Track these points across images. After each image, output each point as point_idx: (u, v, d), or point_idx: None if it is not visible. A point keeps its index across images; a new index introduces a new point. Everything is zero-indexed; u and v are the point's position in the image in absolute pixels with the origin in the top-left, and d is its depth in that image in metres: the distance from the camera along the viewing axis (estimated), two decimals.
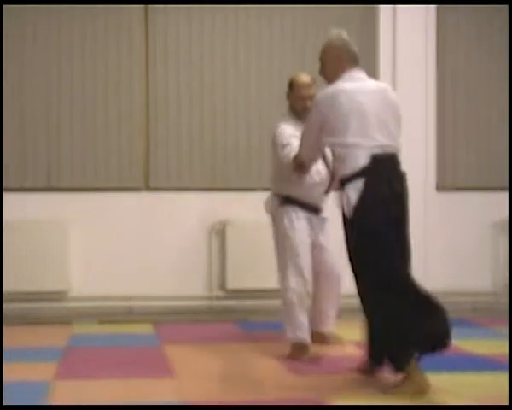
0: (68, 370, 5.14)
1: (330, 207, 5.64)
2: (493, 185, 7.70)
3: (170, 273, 7.19)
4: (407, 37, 7.42)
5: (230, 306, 7.24)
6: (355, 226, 4.52)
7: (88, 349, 5.92)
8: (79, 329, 6.72)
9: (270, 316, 6.84)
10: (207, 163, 7.30)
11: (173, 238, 7.22)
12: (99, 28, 7.14)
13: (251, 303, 7.21)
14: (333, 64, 4.79)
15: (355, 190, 4.49)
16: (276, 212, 5.68)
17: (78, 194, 7.11)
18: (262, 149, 7.11)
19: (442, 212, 7.56)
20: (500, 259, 7.70)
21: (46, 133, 7.09)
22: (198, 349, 5.83)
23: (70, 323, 6.89)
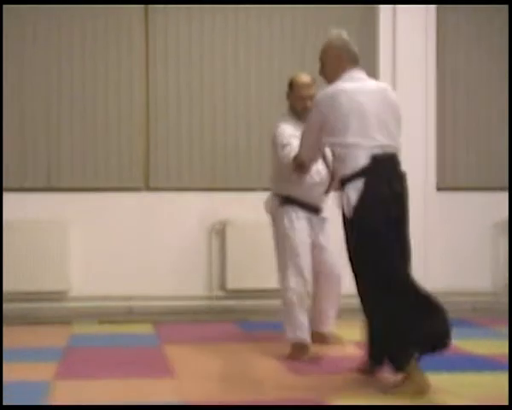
0: (68, 370, 5.14)
1: (330, 207, 5.64)
2: (493, 185, 7.70)
3: (170, 273, 7.19)
4: (407, 37, 7.42)
5: (230, 306, 7.24)
6: (355, 226, 4.52)
7: (88, 349, 5.91)
8: (79, 329, 6.72)
9: (270, 316, 6.84)
10: (207, 163, 7.30)
11: (173, 238, 7.22)
12: (99, 28, 7.14)
13: (251, 303, 7.21)
14: (333, 64, 4.78)
15: (355, 190, 4.49)
16: (276, 212, 5.67)
17: (78, 194, 7.11)
18: (262, 149, 7.11)
19: (442, 212, 7.56)
20: (500, 259, 7.70)
21: (46, 133, 7.09)
22: (198, 349, 5.83)
23: (70, 323, 6.89)
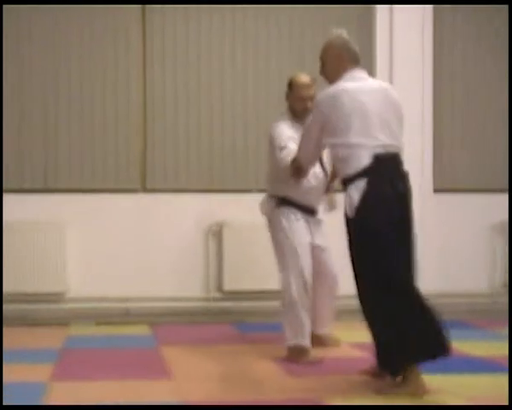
0: (65, 371, 5.13)
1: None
2: (490, 187, 7.69)
3: (167, 275, 7.18)
4: (404, 37, 7.42)
5: (227, 307, 7.23)
6: (357, 226, 4.49)
7: (85, 351, 5.91)
8: (76, 330, 6.71)
9: (267, 317, 6.83)
10: (204, 164, 7.29)
11: (170, 240, 7.21)
12: (96, 28, 7.13)
13: (248, 305, 7.20)
14: (333, 64, 4.74)
15: (357, 190, 4.46)
16: (273, 213, 5.62)
17: (75, 195, 7.09)
18: (259, 151, 7.10)
19: (439, 213, 7.55)
20: (497, 260, 7.70)
21: (43, 134, 7.07)
22: (195, 351, 5.82)
23: (67, 324, 6.88)
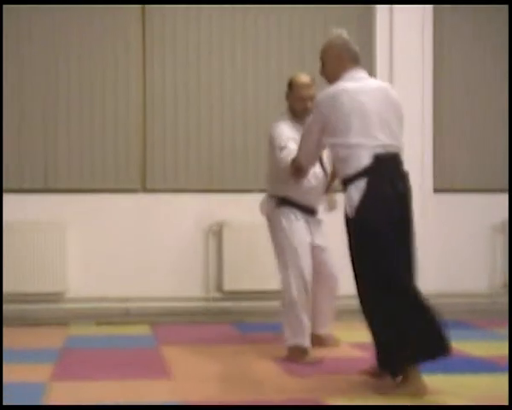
0: (65, 371, 5.13)
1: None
2: (490, 187, 7.70)
3: (167, 275, 7.18)
4: (404, 37, 7.41)
5: (227, 307, 7.23)
6: (357, 226, 4.48)
7: (85, 351, 5.90)
8: (76, 330, 6.71)
9: (267, 317, 6.83)
10: (204, 164, 7.29)
11: (170, 240, 7.21)
12: (96, 28, 7.13)
13: (248, 305, 7.19)
14: (333, 64, 4.73)
15: (357, 190, 4.45)
16: (273, 214, 5.61)
17: (75, 195, 7.09)
18: (259, 151, 7.10)
19: (439, 213, 7.55)
20: (497, 260, 7.70)
21: (43, 134, 7.07)
22: (195, 351, 5.82)
23: (67, 324, 6.88)
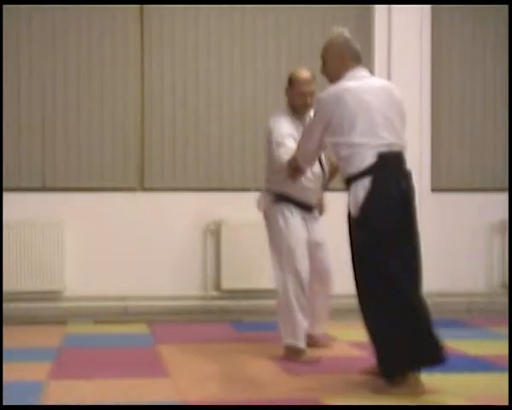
0: (62, 370, 5.13)
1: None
2: (488, 186, 7.70)
3: (165, 273, 7.18)
4: (402, 37, 7.40)
5: (225, 306, 7.23)
6: (361, 225, 4.44)
7: (83, 349, 5.91)
8: (74, 329, 6.71)
9: (264, 316, 6.84)
10: (202, 163, 7.29)
11: (168, 238, 7.21)
12: (94, 28, 7.11)
13: (246, 303, 7.20)
14: (334, 62, 4.70)
15: (362, 189, 4.42)
16: (269, 210, 5.57)
17: (73, 194, 7.08)
18: (257, 150, 7.09)
19: (436, 213, 7.54)
20: (494, 260, 7.70)
21: (41, 133, 7.06)
22: (192, 349, 5.82)
23: (65, 323, 6.88)
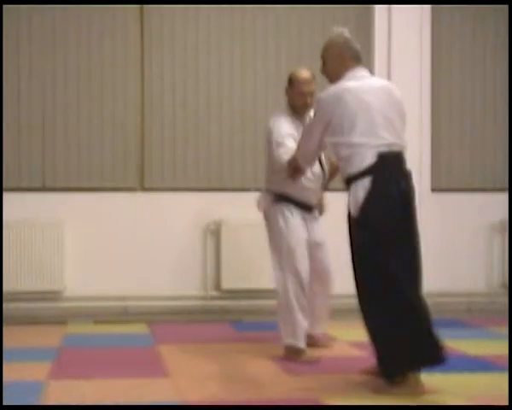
0: (62, 370, 5.13)
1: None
2: (488, 186, 7.70)
3: (165, 273, 7.18)
4: (402, 37, 7.40)
5: (225, 306, 7.23)
6: (361, 225, 4.43)
7: (83, 349, 5.91)
8: (74, 329, 6.71)
9: (265, 316, 6.84)
10: (202, 163, 7.29)
11: (168, 238, 7.21)
12: (94, 28, 7.11)
13: (246, 303, 7.20)
14: (335, 62, 4.69)
15: (362, 189, 4.42)
16: (269, 210, 5.56)
17: (73, 194, 7.08)
18: (257, 150, 7.09)
19: (436, 213, 7.54)
20: (494, 260, 7.70)
21: (41, 133, 7.06)
22: (192, 349, 5.82)
23: (65, 323, 6.88)
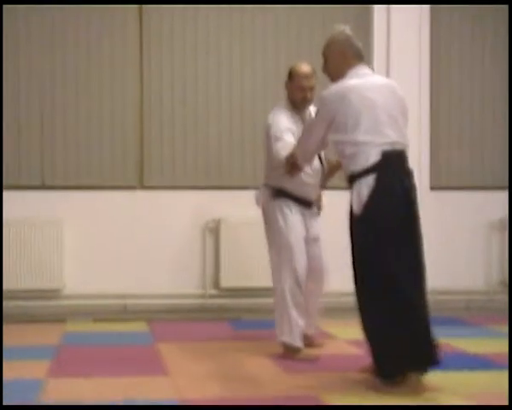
0: (61, 368, 5.13)
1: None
2: (486, 185, 7.71)
3: (164, 271, 7.18)
4: (401, 37, 7.41)
5: (224, 304, 7.24)
6: (364, 223, 4.42)
7: (82, 347, 5.91)
8: (73, 327, 6.71)
9: (263, 314, 6.83)
10: (201, 161, 7.29)
11: (167, 237, 7.21)
12: (93, 28, 7.10)
13: (245, 302, 7.20)
14: (336, 60, 4.66)
15: (366, 187, 4.40)
16: (268, 206, 5.52)
17: (72, 192, 7.09)
18: (256, 148, 7.09)
19: (435, 211, 7.54)
20: (493, 258, 7.71)
21: (40, 131, 7.06)
22: (192, 348, 5.83)
23: (64, 321, 6.88)
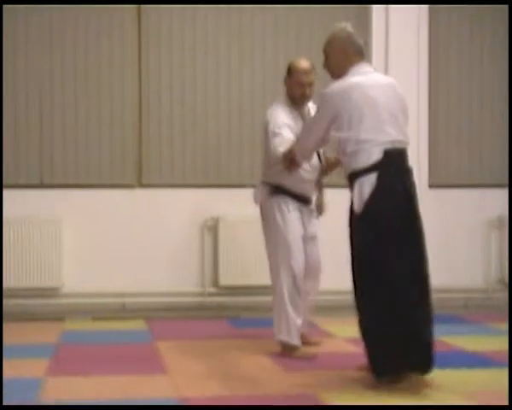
0: (60, 366, 5.13)
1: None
2: (485, 182, 7.71)
3: (162, 270, 7.19)
4: (400, 37, 7.40)
5: (223, 302, 7.24)
6: (365, 221, 4.41)
7: (80, 346, 5.91)
8: (72, 325, 6.72)
9: (262, 313, 6.83)
10: (200, 160, 7.29)
11: (166, 235, 7.21)
12: (92, 28, 7.10)
13: (243, 300, 7.21)
14: (338, 57, 4.64)
15: (367, 185, 4.40)
16: (266, 203, 5.50)
17: (70, 191, 7.09)
18: (254, 146, 7.09)
19: (434, 209, 7.54)
20: (492, 256, 7.72)
21: (39, 130, 7.06)
22: (190, 346, 5.83)
23: (63, 319, 6.89)
